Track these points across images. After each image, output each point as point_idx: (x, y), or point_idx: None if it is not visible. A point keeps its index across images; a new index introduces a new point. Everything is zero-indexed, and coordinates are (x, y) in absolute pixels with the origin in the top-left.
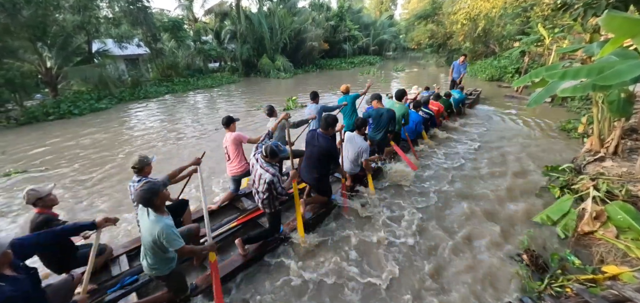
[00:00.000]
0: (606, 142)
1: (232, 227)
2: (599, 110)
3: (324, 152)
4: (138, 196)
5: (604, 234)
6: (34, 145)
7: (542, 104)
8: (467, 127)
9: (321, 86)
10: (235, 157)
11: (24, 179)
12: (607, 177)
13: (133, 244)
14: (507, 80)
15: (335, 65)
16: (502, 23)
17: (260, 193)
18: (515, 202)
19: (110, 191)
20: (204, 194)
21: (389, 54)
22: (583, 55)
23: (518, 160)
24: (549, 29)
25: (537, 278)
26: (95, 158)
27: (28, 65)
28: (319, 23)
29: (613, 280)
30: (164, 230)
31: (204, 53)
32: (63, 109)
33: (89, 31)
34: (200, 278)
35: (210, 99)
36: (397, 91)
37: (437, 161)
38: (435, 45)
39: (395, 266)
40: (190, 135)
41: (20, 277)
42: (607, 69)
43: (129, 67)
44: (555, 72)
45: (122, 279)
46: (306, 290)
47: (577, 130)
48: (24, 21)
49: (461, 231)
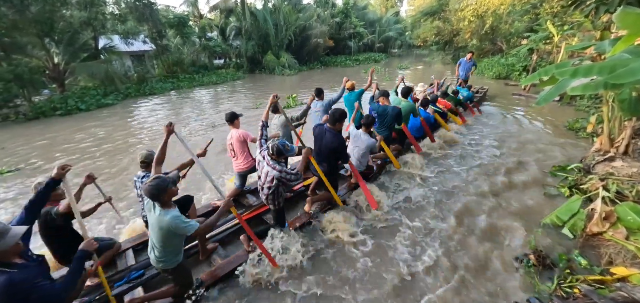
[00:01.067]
0: (616, 142)
1: (237, 223)
2: (609, 109)
3: (332, 147)
4: (146, 190)
5: (614, 235)
6: (53, 138)
7: (550, 102)
8: (473, 125)
9: (326, 83)
10: (241, 154)
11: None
12: (617, 177)
13: (139, 239)
14: (514, 79)
15: (340, 62)
16: (510, 20)
17: (265, 189)
18: (523, 201)
19: (116, 185)
20: (209, 174)
21: (395, 51)
22: (593, 53)
23: (525, 159)
24: (558, 27)
25: (545, 279)
26: (101, 153)
27: (36, 61)
28: (324, 20)
29: (622, 282)
30: (173, 221)
31: (209, 49)
32: (70, 105)
33: (95, 27)
34: (206, 274)
35: (215, 96)
36: (403, 88)
37: (441, 159)
38: (441, 42)
39: (399, 266)
40: (198, 130)
41: (28, 264)
42: (620, 67)
43: (135, 63)
44: (566, 70)
45: (129, 273)
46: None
47: (585, 129)
48: (32, 17)
49: (466, 230)
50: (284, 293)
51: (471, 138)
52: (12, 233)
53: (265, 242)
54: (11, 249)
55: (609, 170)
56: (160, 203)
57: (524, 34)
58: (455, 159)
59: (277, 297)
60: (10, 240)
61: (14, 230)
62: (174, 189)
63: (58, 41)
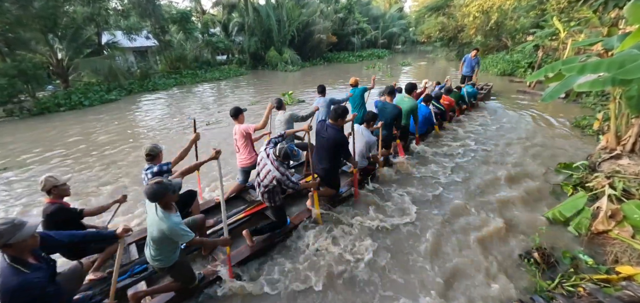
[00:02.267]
0: (623, 140)
1: (239, 218)
2: (616, 107)
3: (333, 143)
4: (148, 192)
5: (619, 233)
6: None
7: (555, 99)
8: (477, 122)
9: (329, 80)
10: (245, 149)
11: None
12: (624, 176)
13: (143, 234)
14: (519, 75)
15: (343, 58)
16: (516, 16)
17: (262, 187)
18: (527, 199)
19: (120, 177)
20: (222, 189)
21: (398, 47)
22: (600, 50)
23: (530, 156)
24: (564, 23)
25: (548, 277)
26: (105, 147)
27: (39, 56)
28: (327, 15)
29: (628, 281)
30: (171, 228)
31: (212, 45)
32: (74, 100)
33: (98, 23)
34: (208, 269)
35: (218, 92)
36: (407, 85)
37: (446, 154)
38: (445, 38)
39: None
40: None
41: (41, 266)
42: (629, 62)
43: (138, 59)
44: (574, 66)
45: (132, 267)
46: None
47: (592, 126)
48: (35, 12)
49: (469, 226)
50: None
51: (475, 135)
52: (29, 225)
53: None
54: (28, 242)
55: (615, 168)
56: (162, 205)
57: (530, 31)
58: (458, 156)
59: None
60: (28, 231)
61: (31, 222)
62: (173, 197)
63: (61, 37)
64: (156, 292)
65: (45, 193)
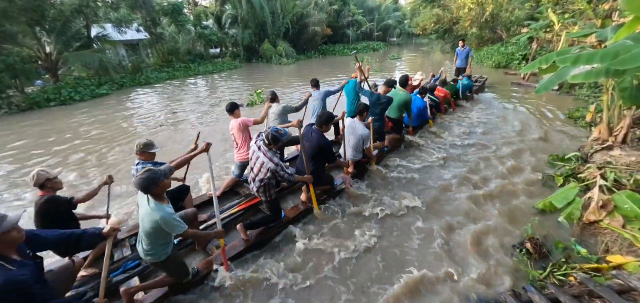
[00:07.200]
0: (615, 131)
1: (234, 212)
2: (609, 98)
3: (317, 148)
4: (138, 183)
5: (610, 223)
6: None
7: (549, 91)
8: (471, 114)
9: (323, 73)
10: (244, 143)
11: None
12: (615, 166)
13: (136, 229)
14: (514, 67)
15: (338, 51)
16: (511, 8)
17: (257, 181)
18: (520, 190)
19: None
20: (213, 181)
21: (394, 39)
22: (594, 41)
23: (523, 148)
24: (559, 14)
25: (540, 267)
26: (95, 143)
27: (27, 50)
28: (321, 7)
29: (618, 270)
30: (164, 218)
31: (205, 38)
32: (64, 95)
33: (87, 15)
34: (202, 263)
35: (211, 85)
36: (400, 77)
37: (440, 147)
38: (440, 30)
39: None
40: (192, 120)
41: (27, 263)
42: (623, 53)
43: (129, 52)
44: (568, 57)
45: (125, 263)
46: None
47: (585, 118)
48: (21, 5)
49: (462, 217)
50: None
51: (468, 127)
52: (10, 218)
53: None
54: (12, 236)
55: (607, 159)
56: (153, 195)
57: (525, 22)
58: (451, 147)
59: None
60: (9, 223)
61: (11, 216)
62: (166, 182)
63: (49, 30)
64: (149, 287)
65: (37, 188)
